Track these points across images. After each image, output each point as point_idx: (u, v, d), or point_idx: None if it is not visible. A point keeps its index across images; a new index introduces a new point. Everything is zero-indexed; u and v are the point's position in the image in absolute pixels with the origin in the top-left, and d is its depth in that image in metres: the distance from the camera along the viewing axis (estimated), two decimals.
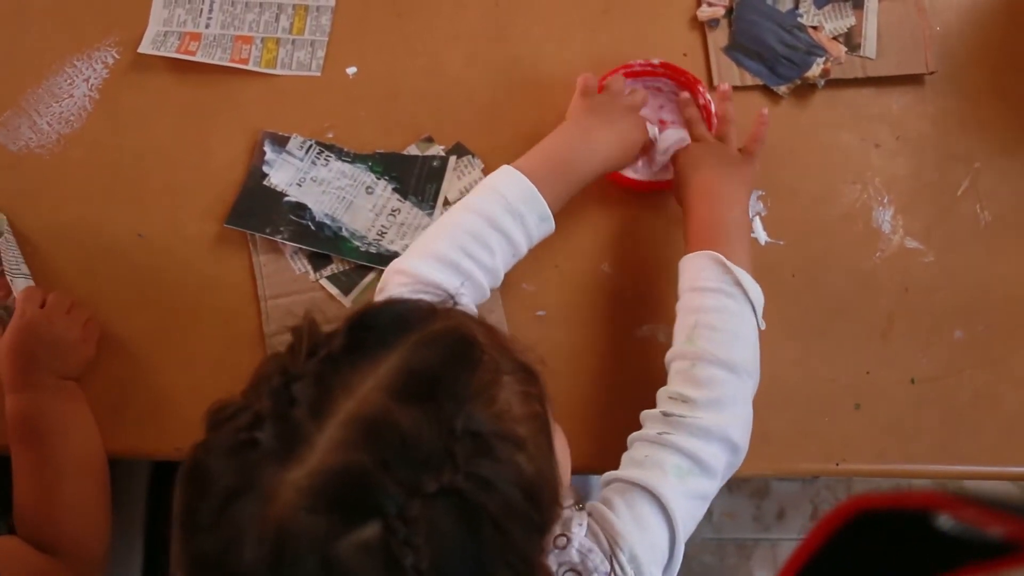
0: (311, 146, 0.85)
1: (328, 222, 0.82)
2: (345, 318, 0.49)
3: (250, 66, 0.88)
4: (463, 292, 0.66)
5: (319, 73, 0.88)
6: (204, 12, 0.89)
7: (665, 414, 0.63)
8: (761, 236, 0.83)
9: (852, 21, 0.88)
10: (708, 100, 0.82)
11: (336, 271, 0.82)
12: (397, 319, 0.48)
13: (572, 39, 0.88)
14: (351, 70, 0.88)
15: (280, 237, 0.81)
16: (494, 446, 0.44)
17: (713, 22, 0.88)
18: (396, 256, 0.79)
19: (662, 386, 0.66)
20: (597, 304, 0.81)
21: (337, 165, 0.84)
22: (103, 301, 0.81)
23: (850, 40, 0.87)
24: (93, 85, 0.88)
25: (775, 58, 0.87)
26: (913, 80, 0.87)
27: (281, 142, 0.85)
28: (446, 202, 0.83)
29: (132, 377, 0.79)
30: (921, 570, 0.28)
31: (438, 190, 0.83)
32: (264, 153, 0.84)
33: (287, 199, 0.83)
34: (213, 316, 0.81)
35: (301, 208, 0.82)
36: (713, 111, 0.82)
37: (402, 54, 0.89)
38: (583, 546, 0.56)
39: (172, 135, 0.86)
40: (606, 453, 0.65)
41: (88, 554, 0.72)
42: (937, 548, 0.27)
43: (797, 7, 0.88)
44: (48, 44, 0.89)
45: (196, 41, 0.88)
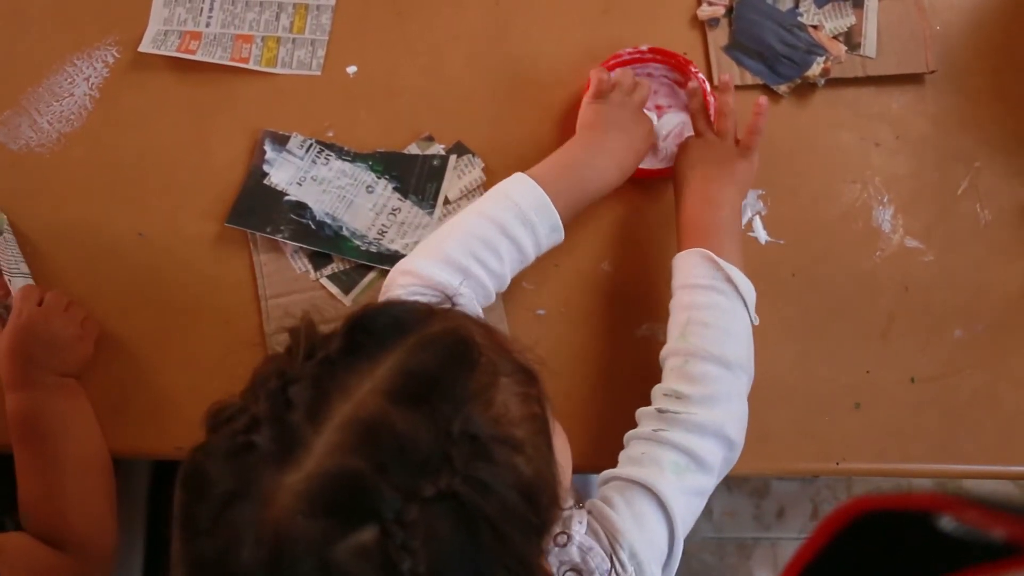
0: (311, 145, 0.85)
1: (328, 221, 0.82)
2: (343, 320, 0.48)
3: (250, 65, 0.87)
4: (462, 292, 0.66)
5: (319, 72, 0.88)
6: (204, 11, 0.89)
7: (660, 411, 0.64)
8: (761, 235, 0.83)
9: (852, 20, 0.88)
10: (702, 79, 0.82)
11: (337, 270, 0.82)
12: (394, 321, 0.48)
13: (572, 39, 0.88)
14: (351, 69, 0.88)
15: (281, 236, 0.81)
16: (492, 449, 0.44)
17: (713, 21, 0.88)
18: (397, 255, 0.79)
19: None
20: (597, 303, 0.81)
21: (337, 164, 0.84)
22: (103, 300, 0.81)
23: (850, 39, 0.87)
24: (93, 84, 0.88)
25: (775, 57, 0.87)
26: (913, 79, 0.87)
27: (281, 141, 0.85)
28: (446, 201, 0.83)
29: (132, 377, 0.79)
30: (923, 571, 0.28)
31: (438, 189, 0.83)
32: (264, 152, 0.84)
33: (287, 198, 0.83)
34: (213, 315, 0.81)
35: (301, 207, 0.82)
36: (709, 92, 0.81)
37: (402, 53, 0.89)
38: (583, 544, 0.56)
39: (172, 134, 0.86)
40: (606, 452, 0.65)
41: (97, 548, 0.72)
42: (939, 549, 0.27)
43: (797, 6, 0.88)
44: (48, 43, 0.89)
45: (196, 40, 0.88)
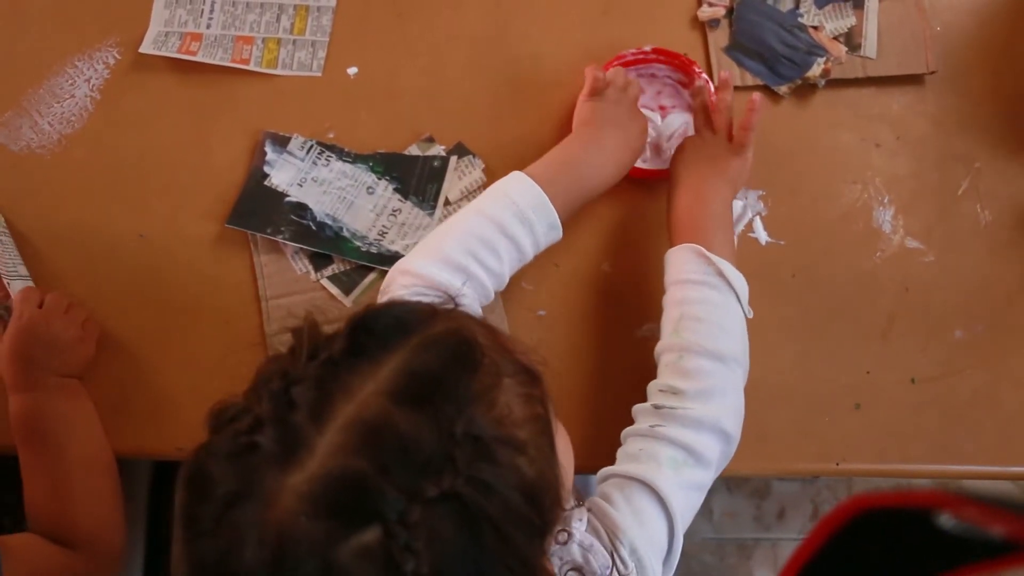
0: (312, 146, 0.85)
1: (329, 222, 0.82)
2: (346, 320, 0.48)
3: (251, 66, 0.88)
4: (465, 293, 0.66)
5: (320, 73, 0.88)
6: (205, 12, 0.90)
7: (656, 407, 0.64)
8: (761, 236, 0.83)
9: (852, 21, 0.88)
10: (706, 80, 0.83)
11: (337, 271, 0.82)
12: (397, 322, 0.48)
13: (572, 39, 0.88)
14: (352, 70, 0.88)
15: (281, 237, 0.81)
16: (495, 450, 0.44)
17: (713, 22, 0.88)
18: (397, 256, 0.79)
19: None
20: (597, 303, 0.81)
21: (338, 165, 0.84)
22: (104, 301, 0.81)
23: (850, 40, 0.87)
24: (94, 85, 0.88)
25: (776, 58, 0.87)
26: (913, 80, 0.87)
27: (282, 142, 0.85)
28: (447, 202, 0.83)
29: (133, 377, 0.79)
30: (922, 569, 0.28)
31: (439, 190, 0.83)
32: (265, 153, 0.84)
33: (288, 199, 0.83)
34: (214, 316, 0.81)
35: (302, 208, 0.82)
36: (713, 93, 0.82)
37: (403, 54, 0.89)
38: (584, 542, 0.56)
39: (173, 135, 0.86)
40: (606, 452, 0.65)
41: (105, 546, 0.72)
42: (939, 547, 0.27)
43: (798, 7, 0.88)
44: (49, 44, 0.89)
45: (197, 41, 0.88)
